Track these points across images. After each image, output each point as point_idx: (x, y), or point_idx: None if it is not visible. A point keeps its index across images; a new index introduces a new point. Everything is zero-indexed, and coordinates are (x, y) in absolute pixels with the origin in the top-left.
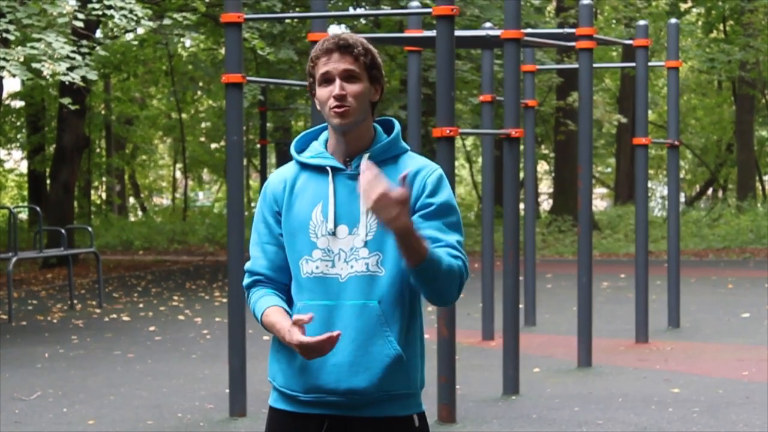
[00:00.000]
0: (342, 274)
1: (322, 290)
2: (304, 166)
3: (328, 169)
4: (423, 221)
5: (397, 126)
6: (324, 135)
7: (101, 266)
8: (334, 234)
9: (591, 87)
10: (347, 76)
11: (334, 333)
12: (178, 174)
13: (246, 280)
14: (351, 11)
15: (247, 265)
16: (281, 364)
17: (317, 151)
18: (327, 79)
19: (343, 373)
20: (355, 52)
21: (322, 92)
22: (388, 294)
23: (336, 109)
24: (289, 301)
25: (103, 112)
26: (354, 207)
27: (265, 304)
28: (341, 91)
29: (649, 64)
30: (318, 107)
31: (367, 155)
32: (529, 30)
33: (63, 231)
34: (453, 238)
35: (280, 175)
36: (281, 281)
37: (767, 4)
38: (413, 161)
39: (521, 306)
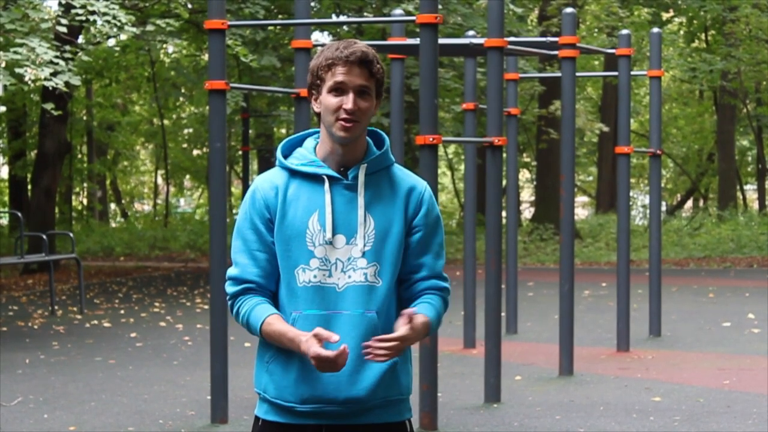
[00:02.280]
0: (339, 283)
1: (319, 299)
2: (294, 174)
3: (325, 177)
4: (418, 244)
5: (386, 138)
6: (310, 142)
7: (82, 272)
8: (331, 243)
9: (574, 95)
10: (361, 92)
11: (345, 347)
12: (160, 180)
13: (233, 288)
14: (334, 18)
15: (234, 272)
16: (273, 376)
17: (308, 159)
18: (340, 89)
19: (342, 383)
20: (374, 70)
21: (331, 100)
22: (383, 304)
23: (344, 123)
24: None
25: (84, 117)
26: (351, 217)
27: (264, 312)
28: (354, 107)
29: (632, 73)
30: (316, 109)
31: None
32: (512, 38)
33: (44, 237)
34: (441, 263)
35: (269, 182)
36: (271, 289)
37: (748, 14)
38: (405, 174)
39: (503, 314)
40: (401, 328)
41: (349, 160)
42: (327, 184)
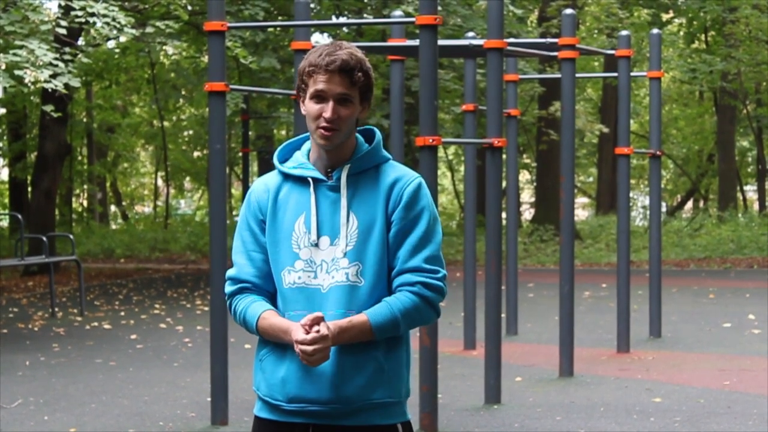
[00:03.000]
0: (324, 284)
1: (305, 301)
2: (287, 177)
3: (310, 180)
4: (394, 238)
5: (378, 135)
6: (307, 145)
7: (82, 274)
8: (316, 245)
9: (573, 97)
10: (341, 100)
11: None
12: (160, 182)
13: (230, 287)
14: (334, 20)
15: (231, 272)
16: (265, 374)
17: (299, 162)
18: (320, 97)
19: (326, 383)
20: (355, 78)
21: (312, 107)
22: (367, 303)
23: (323, 131)
24: None
25: (84, 119)
26: (335, 218)
27: (260, 308)
28: (333, 115)
29: (631, 74)
30: (303, 112)
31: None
32: (512, 39)
33: (44, 238)
34: (421, 257)
35: (264, 184)
36: (268, 289)
37: (748, 15)
38: (393, 170)
39: (503, 315)
40: (299, 334)
41: (336, 161)
42: (312, 186)
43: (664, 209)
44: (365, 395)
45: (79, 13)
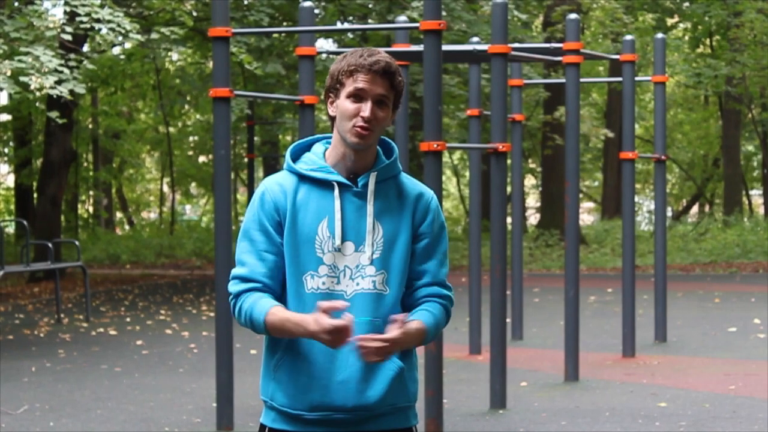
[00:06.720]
0: (347, 291)
1: None
2: (304, 178)
3: (335, 184)
4: (422, 250)
5: (396, 147)
6: (319, 147)
7: (88, 280)
8: (340, 250)
9: (578, 101)
10: (379, 101)
11: (352, 317)
12: (166, 188)
13: (238, 287)
14: (339, 25)
15: (240, 272)
16: (281, 384)
17: (318, 165)
18: (359, 96)
19: (351, 390)
20: (395, 82)
21: (349, 106)
22: (391, 311)
23: (360, 130)
24: None
25: (90, 125)
26: (360, 224)
27: (267, 304)
28: (372, 115)
29: (636, 78)
30: (332, 113)
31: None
32: (517, 45)
33: (50, 245)
34: (444, 271)
35: (278, 184)
36: (277, 291)
37: (753, 19)
38: (412, 183)
39: (508, 320)
40: (393, 331)
41: (359, 167)
42: (337, 191)
43: (669, 214)
44: (388, 400)
45: (84, 20)
